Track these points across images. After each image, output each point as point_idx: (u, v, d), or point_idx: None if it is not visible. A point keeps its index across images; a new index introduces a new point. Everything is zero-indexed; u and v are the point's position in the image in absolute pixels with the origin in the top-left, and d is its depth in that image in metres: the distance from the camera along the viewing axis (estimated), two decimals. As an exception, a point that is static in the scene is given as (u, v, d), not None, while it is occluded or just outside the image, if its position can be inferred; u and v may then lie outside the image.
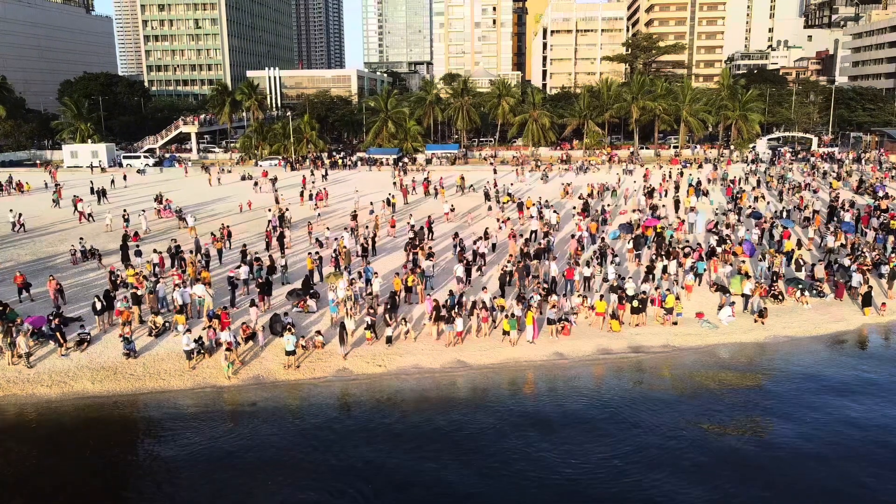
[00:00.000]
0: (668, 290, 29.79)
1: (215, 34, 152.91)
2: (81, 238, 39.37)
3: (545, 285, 31.03)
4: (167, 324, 27.25)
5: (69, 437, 20.89)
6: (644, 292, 29.56)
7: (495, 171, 74.35)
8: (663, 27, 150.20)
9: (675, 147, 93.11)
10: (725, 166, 77.69)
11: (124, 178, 70.35)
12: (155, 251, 35.57)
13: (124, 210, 47.56)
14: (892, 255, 36.09)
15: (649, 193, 54.97)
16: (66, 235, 43.76)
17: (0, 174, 73.25)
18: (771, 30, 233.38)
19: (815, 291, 32.11)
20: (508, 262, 33.50)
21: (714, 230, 43.73)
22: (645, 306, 28.93)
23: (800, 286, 31.87)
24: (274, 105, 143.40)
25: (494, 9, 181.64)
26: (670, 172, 69.78)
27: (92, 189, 59.23)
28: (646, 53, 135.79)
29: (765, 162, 79.31)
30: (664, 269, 32.05)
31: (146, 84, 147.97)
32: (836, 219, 44.27)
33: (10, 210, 48.27)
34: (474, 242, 36.84)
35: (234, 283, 30.60)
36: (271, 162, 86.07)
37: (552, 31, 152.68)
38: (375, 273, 31.99)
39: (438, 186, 59.77)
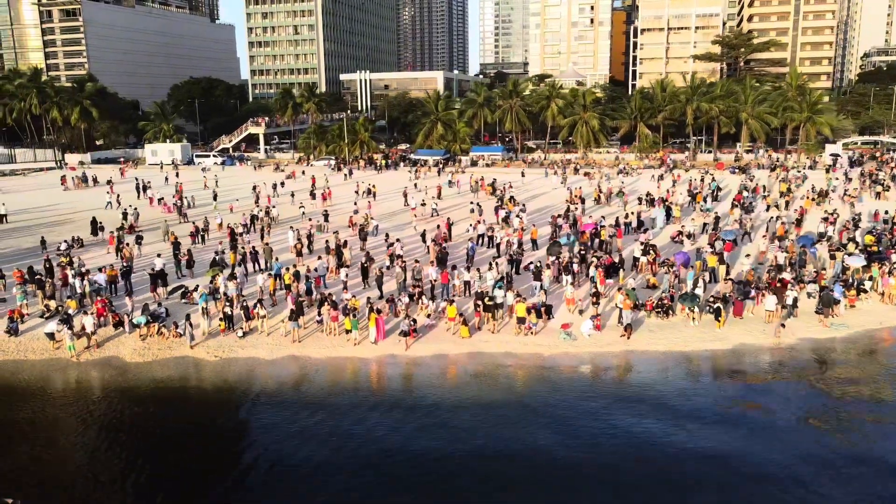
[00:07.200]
0: (524, 298, 29.49)
1: (312, 39, 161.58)
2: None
3: (420, 288, 31.60)
4: (59, 308, 30.63)
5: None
6: (504, 297, 29.47)
7: (523, 175, 74.24)
8: (764, 23, 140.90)
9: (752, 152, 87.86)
10: (781, 171, 72.82)
11: (177, 175, 76.84)
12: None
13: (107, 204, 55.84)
14: (822, 271, 33.36)
15: (650, 201, 53.37)
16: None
17: (87, 170, 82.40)
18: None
19: (707, 309, 30.46)
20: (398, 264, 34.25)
21: (677, 239, 42.29)
22: (501, 309, 29.10)
23: (688, 303, 30.32)
24: (364, 106, 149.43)
25: (592, 8, 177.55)
26: (702, 178, 66.60)
27: (137, 186, 65.54)
28: (739, 51, 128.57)
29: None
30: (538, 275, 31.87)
31: (251, 87, 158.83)
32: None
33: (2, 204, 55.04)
34: (390, 244, 37.85)
35: (149, 272, 33.77)
36: (325, 161, 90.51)
37: (643, 30, 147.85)
38: (287, 269, 33.95)
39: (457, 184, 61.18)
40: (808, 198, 53.62)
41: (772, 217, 45.41)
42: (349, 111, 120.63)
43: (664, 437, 20.81)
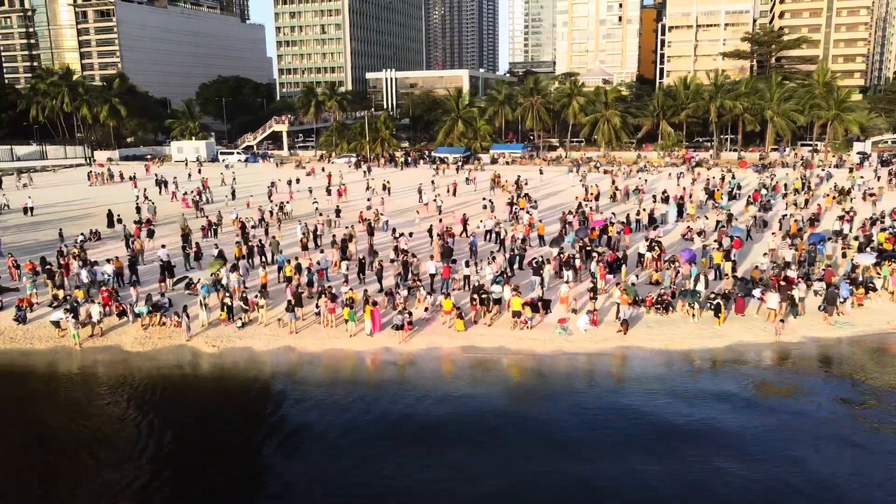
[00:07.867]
0: (520, 292, 29.37)
1: (339, 39, 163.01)
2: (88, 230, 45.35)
3: (419, 282, 31.73)
4: (67, 297, 31.41)
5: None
6: (501, 291, 29.46)
7: (541, 172, 73.94)
8: (796, 19, 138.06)
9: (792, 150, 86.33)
10: (803, 170, 71.44)
11: (199, 171, 78.15)
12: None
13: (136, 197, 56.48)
14: (830, 268, 32.67)
15: (664, 198, 52.92)
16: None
17: (113, 167, 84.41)
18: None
19: (708, 305, 30.05)
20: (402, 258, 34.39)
21: (688, 236, 41.88)
22: (500, 304, 29.13)
23: (688, 299, 29.95)
24: (390, 104, 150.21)
25: (620, 5, 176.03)
26: (722, 176, 65.81)
27: (157, 182, 66.98)
28: (769, 49, 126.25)
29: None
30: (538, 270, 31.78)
31: (278, 86, 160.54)
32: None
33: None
34: (396, 238, 38.04)
35: (160, 263, 34.46)
36: (345, 159, 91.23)
37: (671, 28, 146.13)
38: (288, 261, 34.40)
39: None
40: (829, 196, 52.61)
41: (785, 215, 44.58)
42: (373, 109, 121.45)
43: (648, 422, 20.73)
